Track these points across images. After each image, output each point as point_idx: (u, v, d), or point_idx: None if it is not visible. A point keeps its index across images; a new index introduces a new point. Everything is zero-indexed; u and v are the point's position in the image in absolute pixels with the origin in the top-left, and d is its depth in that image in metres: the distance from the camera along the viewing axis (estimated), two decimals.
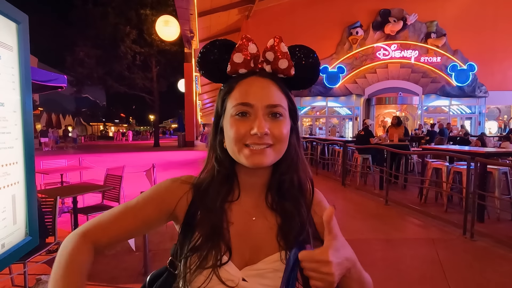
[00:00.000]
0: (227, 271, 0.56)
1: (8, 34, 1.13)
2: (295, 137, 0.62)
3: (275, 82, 0.58)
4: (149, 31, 16.07)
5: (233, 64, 0.58)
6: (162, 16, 12.09)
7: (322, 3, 14.39)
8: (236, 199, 0.62)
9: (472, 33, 14.60)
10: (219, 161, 0.61)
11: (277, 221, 0.61)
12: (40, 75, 3.59)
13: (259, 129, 0.53)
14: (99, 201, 3.67)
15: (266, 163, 0.56)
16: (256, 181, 0.62)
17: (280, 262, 0.58)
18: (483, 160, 3.49)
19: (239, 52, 0.57)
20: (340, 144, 7.31)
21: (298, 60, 0.60)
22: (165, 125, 62.73)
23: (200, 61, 0.60)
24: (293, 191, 0.62)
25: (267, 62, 0.58)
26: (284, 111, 0.58)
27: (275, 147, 0.56)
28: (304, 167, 0.64)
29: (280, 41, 0.58)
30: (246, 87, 0.57)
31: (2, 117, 1.09)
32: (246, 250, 0.59)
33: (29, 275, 2.13)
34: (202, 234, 0.57)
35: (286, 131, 0.57)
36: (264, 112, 0.56)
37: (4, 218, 1.11)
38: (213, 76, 0.62)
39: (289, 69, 0.58)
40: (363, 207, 4.66)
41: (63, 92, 16.78)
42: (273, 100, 0.56)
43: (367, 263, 2.93)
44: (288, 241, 0.59)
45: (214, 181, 0.61)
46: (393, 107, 15.63)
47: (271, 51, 0.57)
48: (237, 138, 0.55)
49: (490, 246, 3.07)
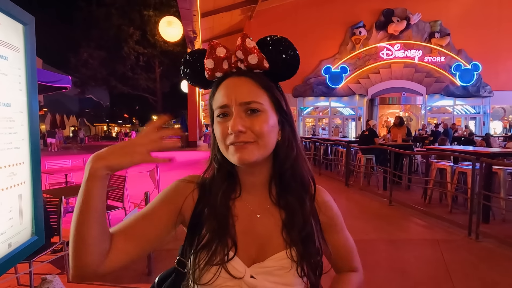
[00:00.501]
0: (234, 267, 0.57)
1: (15, 35, 1.14)
2: (288, 130, 0.62)
3: (251, 78, 0.59)
4: (152, 32, 16.18)
5: (207, 69, 0.60)
6: (165, 17, 12.13)
7: (325, 3, 14.35)
8: (238, 196, 0.63)
9: (477, 33, 14.48)
10: (217, 161, 0.63)
11: (281, 217, 0.62)
12: (45, 76, 3.62)
13: (232, 128, 0.55)
14: None
15: (251, 159, 0.56)
16: (256, 180, 0.63)
17: (288, 259, 0.59)
18: (488, 160, 3.46)
19: (209, 58, 0.60)
20: (343, 145, 7.28)
21: (271, 51, 0.59)
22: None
23: (183, 71, 0.64)
24: (295, 185, 0.62)
25: (240, 61, 0.60)
26: (261, 106, 0.58)
27: (258, 143, 0.57)
28: (303, 161, 0.64)
29: (246, 37, 0.59)
30: (223, 89, 0.59)
31: (9, 118, 1.10)
32: (252, 247, 0.60)
33: (34, 275, 2.14)
34: (210, 230, 0.58)
35: (266, 125, 0.57)
36: (239, 110, 0.57)
37: (11, 218, 1.12)
38: (197, 83, 0.65)
39: (261, 62, 0.59)
40: (366, 208, 4.64)
41: (67, 93, 16.89)
42: (246, 97, 0.57)
43: (371, 264, 2.90)
44: (292, 235, 0.60)
45: (215, 179, 0.63)
46: (397, 107, 15.54)
47: (240, 49, 0.59)
48: (220, 139, 0.58)
49: (496, 247, 3.05)
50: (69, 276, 0.63)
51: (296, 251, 0.59)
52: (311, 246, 0.60)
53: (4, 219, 1.09)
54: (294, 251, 0.59)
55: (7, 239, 1.10)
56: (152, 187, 4.29)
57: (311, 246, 0.60)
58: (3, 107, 1.07)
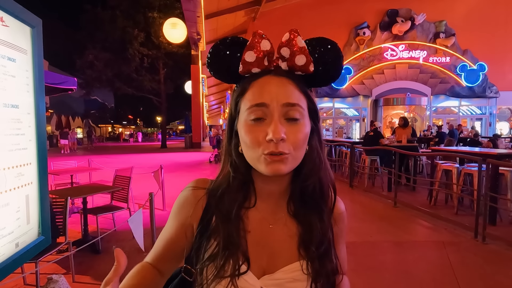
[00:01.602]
0: (245, 281, 0.54)
1: (23, 38, 1.15)
2: (316, 139, 0.58)
3: (292, 80, 0.54)
4: (156, 33, 16.24)
5: (245, 63, 0.53)
6: (169, 19, 12.22)
7: (329, 4, 14.33)
8: (253, 205, 0.58)
9: (482, 33, 14.34)
10: (234, 167, 0.57)
11: (298, 230, 0.58)
12: (51, 78, 3.67)
13: (274, 134, 0.49)
14: (108, 201, 3.72)
15: (285, 171, 0.51)
16: (274, 188, 0.58)
17: (300, 272, 0.56)
18: (494, 161, 3.42)
19: (250, 50, 0.53)
20: (348, 146, 7.25)
21: (317, 54, 0.55)
22: (172, 127, 63.28)
23: (210, 61, 0.56)
24: (315, 198, 0.58)
25: (283, 59, 0.54)
26: (302, 112, 0.53)
27: (292, 154, 0.52)
28: (326, 171, 0.59)
29: (297, 35, 0.53)
30: (260, 87, 0.53)
31: (17, 119, 1.11)
32: (263, 257, 0.57)
33: (40, 274, 2.16)
34: (218, 242, 0.55)
35: (303, 135, 0.53)
36: (280, 114, 0.51)
37: (18, 218, 1.14)
38: (223, 76, 0.57)
39: (307, 65, 0.53)
40: (371, 209, 4.61)
41: (72, 94, 17.06)
42: (290, 98, 0.52)
43: (376, 266, 2.88)
44: (309, 252, 0.56)
45: (230, 187, 0.57)
46: (401, 108, 15.44)
47: (287, 46, 0.53)
48: (253, 145, 0.51)
49: (503, 249, 3.01)
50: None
51: (312, 267, 0.55)
52: (327, 263, 0.57)
53: (12, 219, 1.10)
54: (310, 267, 0.56)
55: (14, 239, 1.12)
56: (157, 188, 4.31)
57: (327, 263, 0.57)
58: (11, 108, 1.08)
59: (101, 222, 3.45)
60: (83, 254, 2.78)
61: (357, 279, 2.48)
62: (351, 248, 3.09)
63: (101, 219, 3.55)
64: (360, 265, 2.72)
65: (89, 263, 2.70)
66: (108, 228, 3.38)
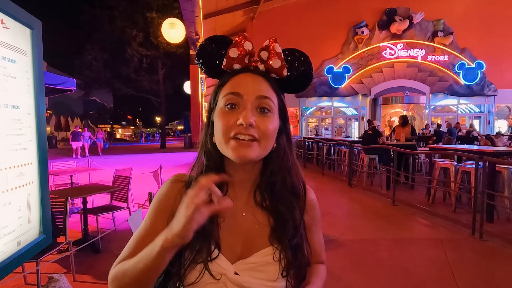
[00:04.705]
0: (218, 265, 0.57)
1: (23, 39, 1.17)
2: (285, 138, 0.63)
3: (267, 80, 0.60)
4: (155, 34, 16.23)
5: (228, 58, 0.60)
6: (167, 19, 12.20)
7: (327, 3, 14.34)
8: (225, 194, 0.61)
9: (480, 31, 14.37)
10: (208, 155, 0.62)
11: (269, 221, 0.62)
12: (50, 79, 3.68)
13: (244, 119, 0.54)
14: (108, 201, 3.74)
15: (251, 156, 0.55)
16: (245, 177, 0.63)
17: (272, 256, 0.59)
18: (491, 159, 3.45)
19: (235, 48, 0.59)
20: (346, 144, 7.28)
21: (291, 62, 0.62)
22: (171, 127, 63.22)
23: (198, 53, 0.63)
24: (286, 194, 0.63)
25: (261, 61, 0.60)
26: (273, 106, 0.59)
27: (261, 142, 0.56)
28: (297, 170, 0.65)
29: (275, 42, 0.60)
30: (238, 80, 0.59)
31: (18, 120, 1.13)
32: (237, 244, 0.60)
33: (41, 274, 2.18)
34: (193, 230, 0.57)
35: (272, 127, 0.58)
36: (253, 105, 0.57)
37: (20, 217, 1.15)
38: (209, 68, 0.64)
39: (281, 69, 0.60)
40: (370, 208, 4.64)
41: (71, 95, 17.00)
42: (263, 92, 0.58)
43: (375, 263, 2.90)
44: (281, 243, 0.59)
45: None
46: (400, 107, 15.48)
47: (266, 50, 0.60)
48: (224, 130, 0.56)
49: (500, 246, 3.04)
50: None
51: (284, 257, 0.59)
52: (300, 256, 0.61)
53: (13, 217, 1.12)
54: (283, 256, 0.59)
55: (16, 238, 1.14)
56: (156, 188, 4.33)
57: (300, 256, 0.61)
58: (12, 109, 1.10)
59: (101, 222, 3.47)
60: (84, 253, 2.80)
61: (356, 276, 2.51)
62: (350, 245, 3.11)
63: (101, 219, 3.56)
64: (358, 263, 2.74)
65: (89, 263, 2.72)
66: (108, 228, 3.39)
